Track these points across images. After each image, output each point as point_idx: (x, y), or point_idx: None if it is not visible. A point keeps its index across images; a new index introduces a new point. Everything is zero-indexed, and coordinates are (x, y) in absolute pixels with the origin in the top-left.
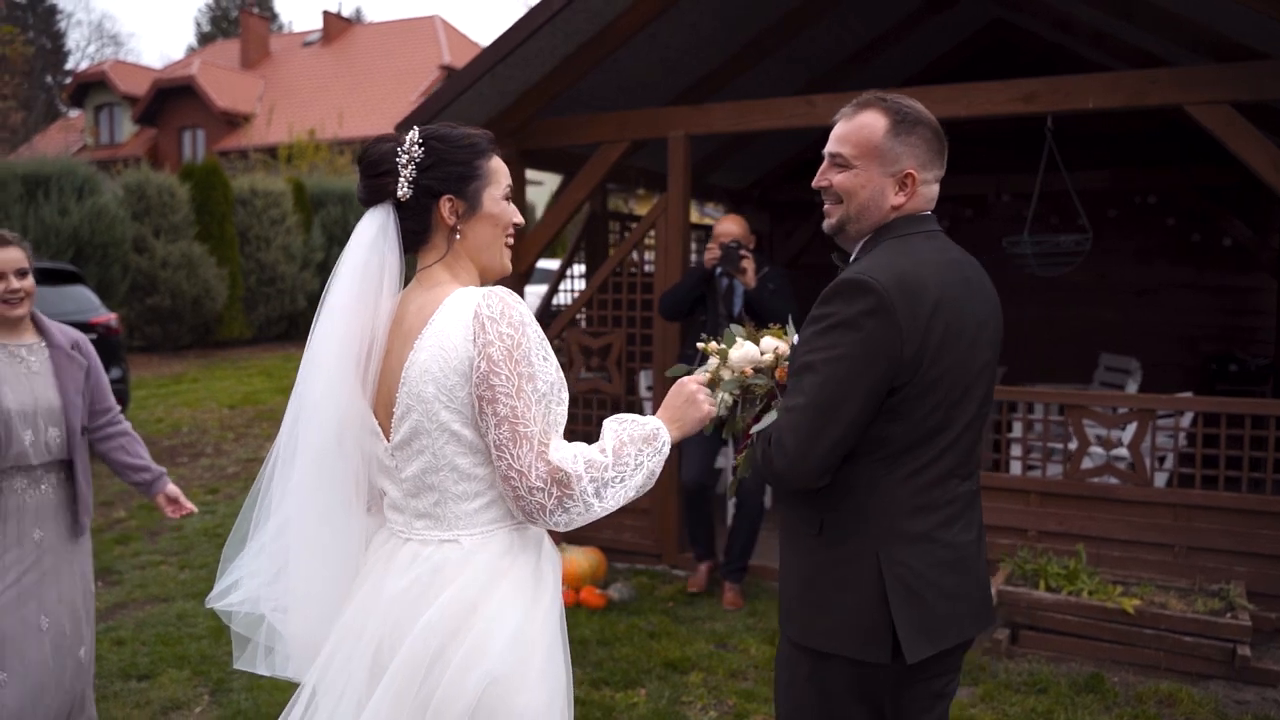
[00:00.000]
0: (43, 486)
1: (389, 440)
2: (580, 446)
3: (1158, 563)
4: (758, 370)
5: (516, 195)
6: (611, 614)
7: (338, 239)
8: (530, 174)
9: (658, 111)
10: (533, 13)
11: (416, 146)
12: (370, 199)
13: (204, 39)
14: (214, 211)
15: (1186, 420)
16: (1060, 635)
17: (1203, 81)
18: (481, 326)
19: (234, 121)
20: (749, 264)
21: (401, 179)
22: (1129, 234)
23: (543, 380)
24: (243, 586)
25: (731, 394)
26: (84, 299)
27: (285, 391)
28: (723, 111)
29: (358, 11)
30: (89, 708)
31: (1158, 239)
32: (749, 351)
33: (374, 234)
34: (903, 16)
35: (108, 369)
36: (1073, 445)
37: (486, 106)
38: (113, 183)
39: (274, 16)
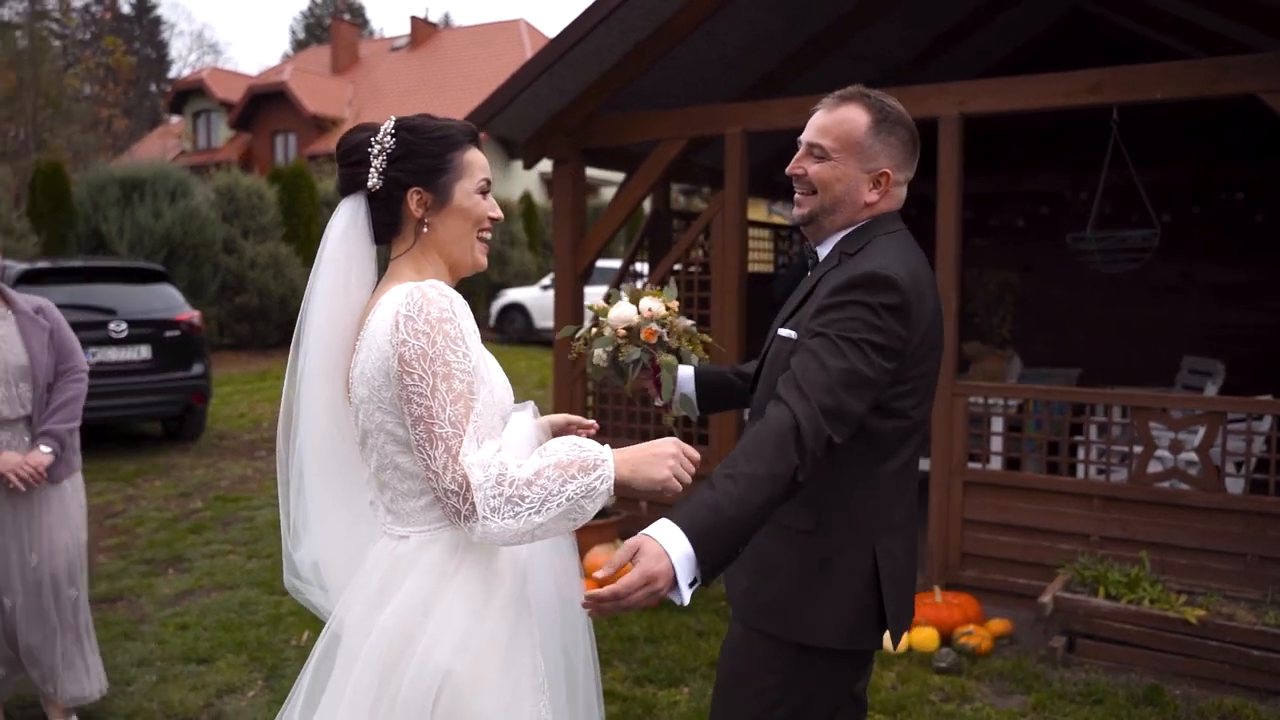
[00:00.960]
0: (25, 440)
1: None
2: (507, 456)
3: (1228, 572)
4: (629, 330)
5: (575, 192)
6: (662, 612)
7: None
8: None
9: (716, 108)
10: (589, 12)
11: (389, 137)
12: (345, 188)
13: (298, 46)
14: (300, 213)
15: (1266, 424)
16: (1119, 645)
17: (1277, 69)
18: (396, 325)
19: (323, 125)
20: None
21: (372, 169)
22: (1214, 232)
23: (460, 379)
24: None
25: (606, 351)
26: (170, 297)
27: None
28: (782, 107)
29: (445, 16)
30: (88, 657)
31: (1244, 237)
32: (623, 312)
33: (344, 225)
34: (970, 11)
35: (191, 365)
36: (1139, 449)
37: (545, 106)
38: (205, 186)
39: (365, 23)
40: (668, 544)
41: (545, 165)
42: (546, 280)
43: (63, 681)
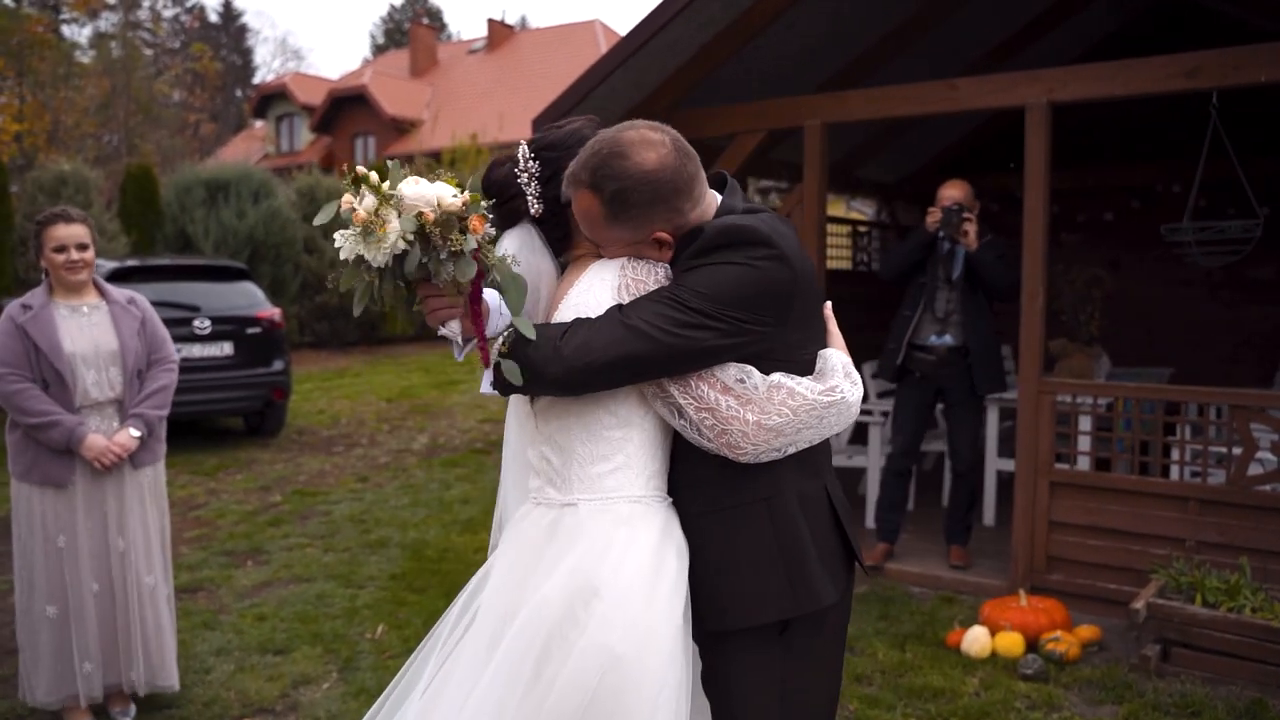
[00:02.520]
0: (114, 424)
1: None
2: None
3: None
4: (445, 215)
5: None
6: None
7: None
8: None
9: (794, 100)
10: (667, 3)
11: (531, 161)
12: (507, 223)
13: (378, 50)
14: None
15: None
16: (1217, 655)
17: None
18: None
19: (402, 128)
20: (971, 227)
21: (529, 197)
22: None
23: None
24: None
25: (405, 240)
26: (251, 294)
27: (440, 386)
28: (861, 98)
29: (522, 19)
30: (165, 648)
31: None
32: (431, 190)
33: (519, 251)
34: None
35: (271, 361)
36: (1237, 450)
37: (622, 100)
38: (287, 187)
39: (443, 27)
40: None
41: None
42: None
43: (136, 669)
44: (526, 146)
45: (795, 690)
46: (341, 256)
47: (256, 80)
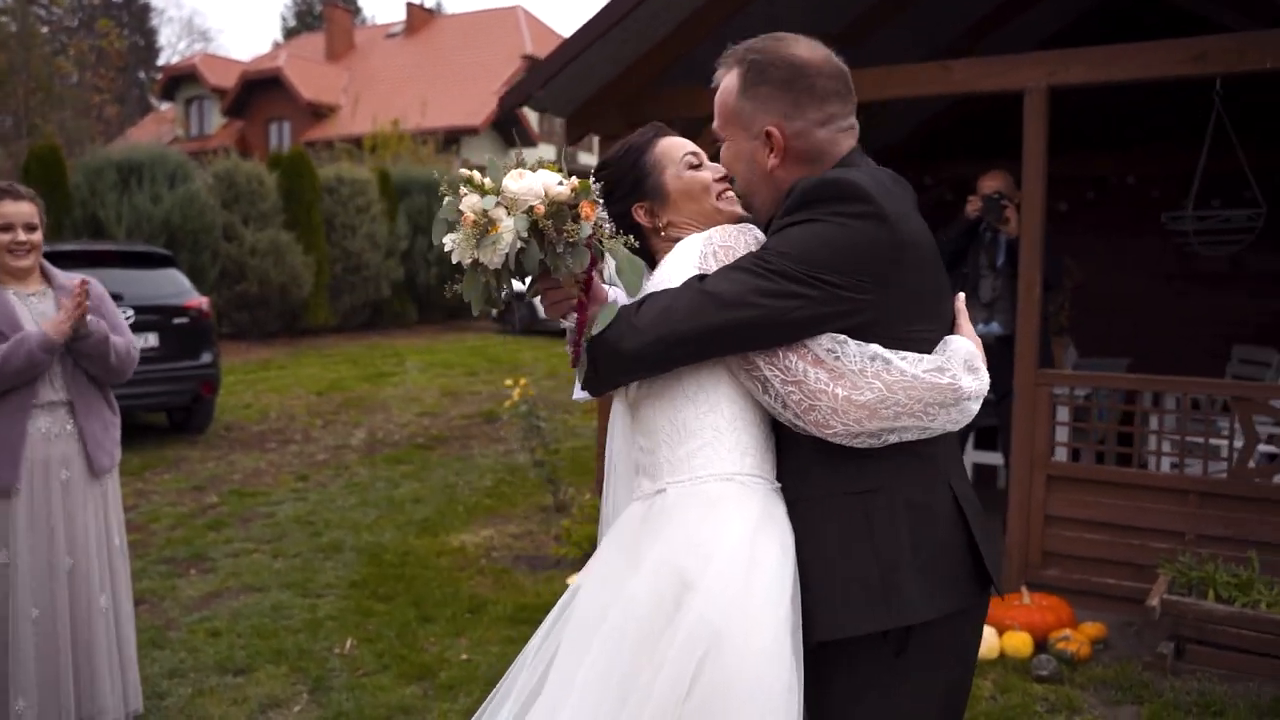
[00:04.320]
0: (68, 426)
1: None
2: None
3: None
4: (555, 206)
5: None
6: None
7: (422, 228)
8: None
9: None
10: None
11: (596, 184)
12: None
13: (289, 33)
14: (301, 200)
15: None
16: (1235, 651)
17: None
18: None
19: (319, 113)
20: (1012, 214)
21: (604, 223)
22: (1266, 218)
23: None
24: None
25: (521, 238)
26: (177, 282)
27: (371, 379)
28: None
29: (439, 3)
30: (126, 672)
31: None
32: (536, 181)
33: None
34: None
35: (199, 353)
36: (1219, 442)
37: (596, 76)
38: (203, 171)
39: (357, 10)
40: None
41: (546, 154)
42: None
43: (94, 698)
44: (595, 171)
45: None
46: (454, 260)
47: (161, 62)
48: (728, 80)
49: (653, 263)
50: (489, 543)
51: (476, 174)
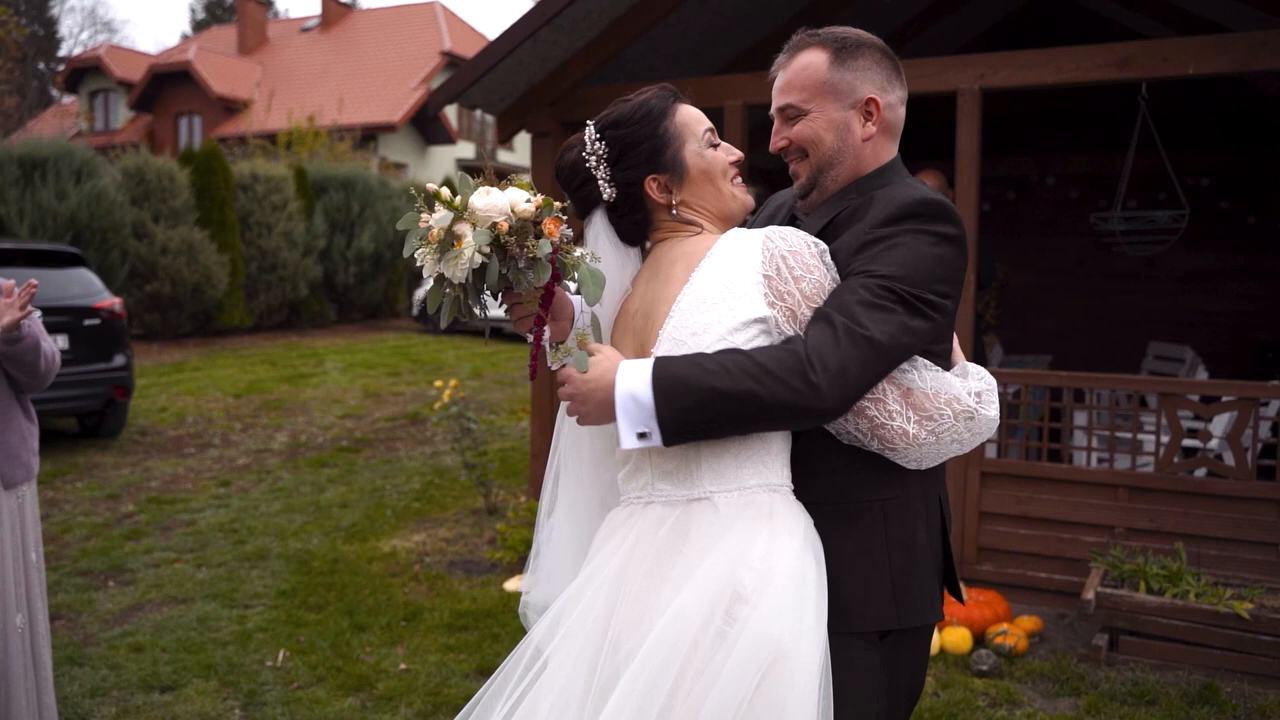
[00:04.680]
0: None
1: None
2: None
3: (1261, 562)
4: (519, 222)
5: None
6: None
7: (340, 225)
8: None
9: (715, 80)
10: None
11: (598, 143)
12: (585, 211)
13: (198, 26)
14: (215, 197)
15: (1273, 409)
16: (1166, 642)
17: None
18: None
19: (232, 108)
20: None
21: (600, 181)
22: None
23: None
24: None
25: (482, 253)
26: (88, 282)
27: (290, 380)
28: None
29: None
30: (42, 697)
31: (1210, 223)
32: (503, 198)
33: (602, 240)
34: None
35: (112, 356)
36: (1146, 435)
37: (527, 74)
38: (111, 167)
39: (270, 3)
40: (625, 368)
41: (464, 151)
42: None
43: None
44: (592, 127)
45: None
46: (424, 275)
47: (63, 53)
48: (811, 56)
49: (637, 237)
50: (421, 548)
51: (445, 190)
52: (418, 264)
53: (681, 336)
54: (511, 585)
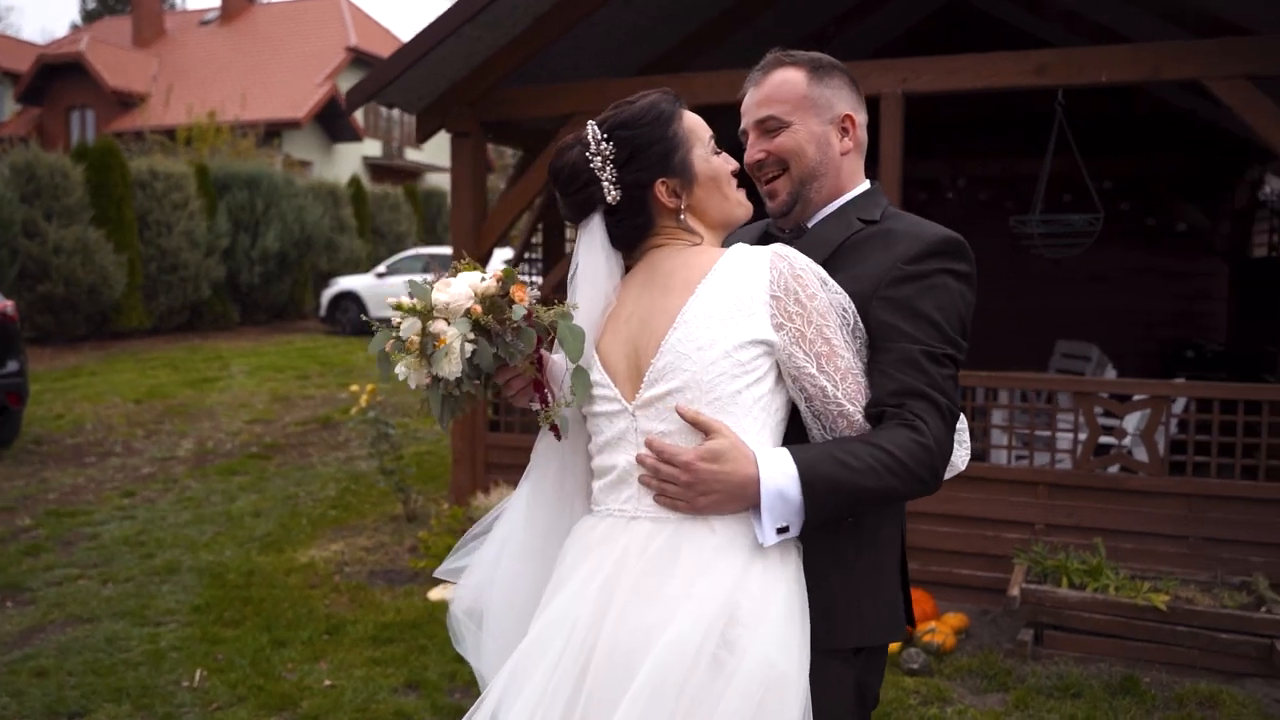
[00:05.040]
0: None
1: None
2: None
3: (1173, 555)
4: (488, 300)
5: (477, 169)
6: None
7: (244, 224)
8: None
9: (638, 81)
10: None
11: (605, 144)
12: (579, 214)
13: (89, 16)
14: (111, 195)
15: (1180, 407)
16: (1088, 635)
17: (1222, 55)
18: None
19: (127, 102)
20: None
21: (605, 183)
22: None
23: None
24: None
25: (468, 340)
26: None
27: (193, 384)
28: (713, 81)
29: None
30: None
31: (1112, 224)
32: (462, 285)
33: (596, 248)
34: None
35: (4, 361)
36: (1063, 433)
37: (449, 71)
38: None
39: None
40: (767, 462)
41: (371, 149)
42: (382, 268)
43: None
44: (596, 127)
45: None
46: (412, 386)
47: None
48: (788, 73)
49: (632, 242)
50: (340, 557)
51: (405, 299)
52: (401, 378)
53: (686, 350)
54: (436, 595)
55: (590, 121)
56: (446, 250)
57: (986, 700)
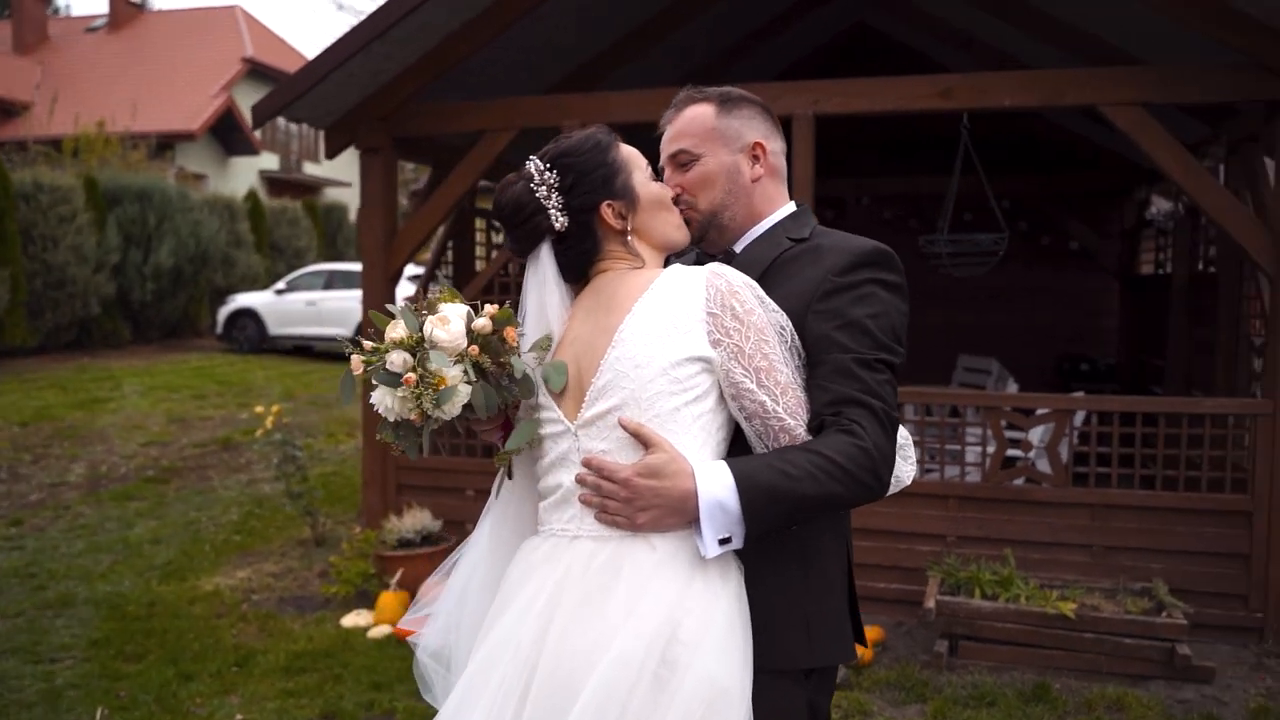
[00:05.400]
0: None
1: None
2: None
3: (1079, 564)
4: (484, 340)
5: (388, 184)
6: None
7: (136, 239)
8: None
9: (552, 99)
10: None
11: (548, 173)
12: (528, 246)
13: None
14: None
15: (1079, 419)
16: (1001, 644)
17: (1117, 83)
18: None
19: (8, 110)
20: None
21: (551, 212)
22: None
23: None
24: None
25: (469, 382)
26: None
27: (83, 406)
28: (623, 100)
29: None
30: None
31: (1010, 243)
32: (459, 323)
33: (543, 280)
34: (779, 12)
35: None
36: (971, 447)
37: (358, 87)
38: None
39: None
40: (704, 474)
41: (268, 163)
42: (281, 284)
43: None
44: (538, 160)
45: None
46: (390, 419)
47: None
48: (698, 109)
49: (581, 269)
50: (247, 584)
51: (401, 330)
52: (379, 408)
53: (624, 368)
54: (349, 621)
55: (531, 157)
56: (348, 266)
57: (905, 712)
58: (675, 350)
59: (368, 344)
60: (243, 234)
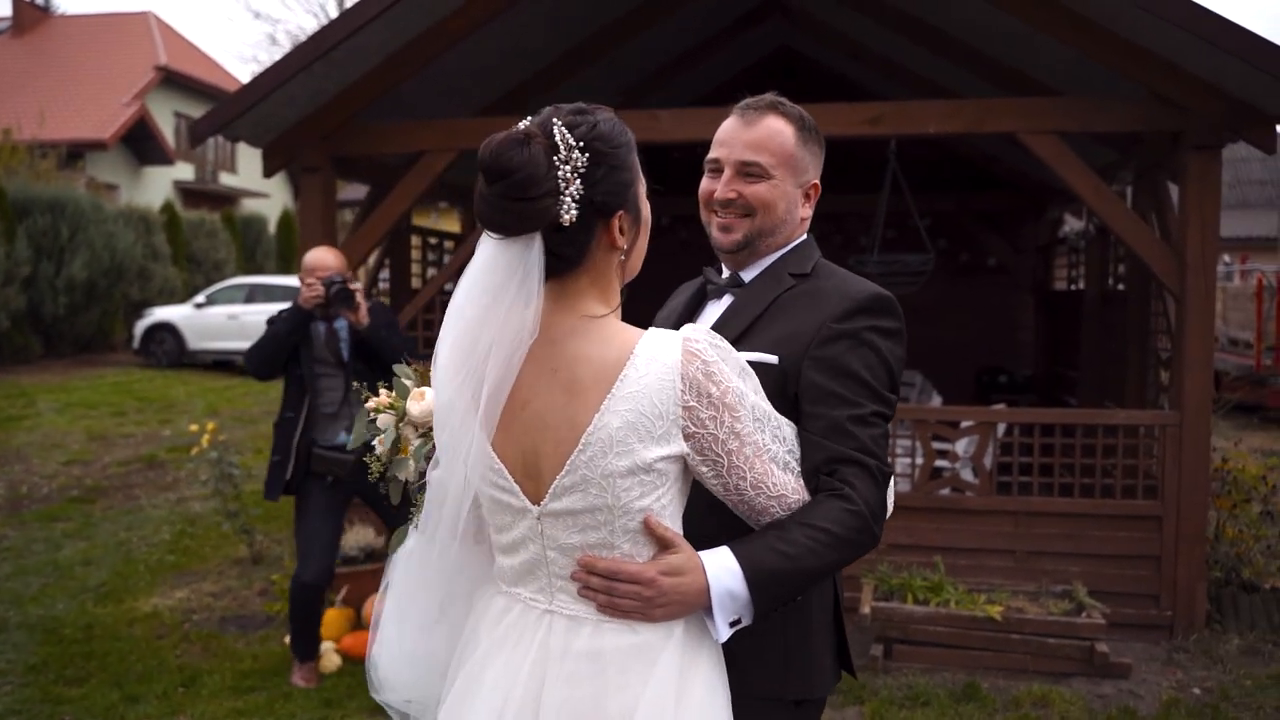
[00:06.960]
0: None
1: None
2: None
3: (1003, 569)
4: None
5: (327, 203)
6: None
7: (47, 251)
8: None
9: (493, 121)
10: (363, 5)
11: (577, 152)
12: (514, 226)
13: None
14: None
15: (1001, 430)
16: (933, 647)
17: (1035, 112)
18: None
19: None
20: (361, 299)
21: (566, 199)
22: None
23: None
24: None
25: (426, 457)
26: None
27: None
28: None
29: (49, 1)
30: None
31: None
32: (429, 404)
33: (505, 277)
34: (710, 35)
35: None
36: (891, 457)
37: (298, 107)
38: None
39: None
40: (714, 567)
41: (183, 173)
42: (201, 298)
43: None
44: (569, 131)
45: None
46: (370, 473)
47: None
48: (780, 125)
49: (557, 268)
50: (186, 605)
51: (392, 392)
52: (375, 450)
53: (593, 475)
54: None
55: (555, 119)
56: (271, 279)
57: (844, 714)
58: (648, 454)
59: (385, 399)
60: (159, 246)
